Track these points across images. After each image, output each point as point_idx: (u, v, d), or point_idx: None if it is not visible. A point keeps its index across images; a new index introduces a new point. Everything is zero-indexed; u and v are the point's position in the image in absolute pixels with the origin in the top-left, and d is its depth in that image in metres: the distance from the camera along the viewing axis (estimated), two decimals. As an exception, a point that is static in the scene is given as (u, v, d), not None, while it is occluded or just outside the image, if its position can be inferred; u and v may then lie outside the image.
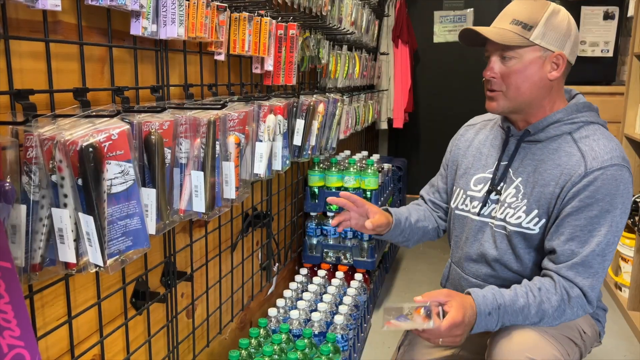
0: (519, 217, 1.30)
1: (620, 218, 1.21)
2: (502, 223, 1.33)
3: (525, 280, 1.26)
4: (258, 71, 1.68)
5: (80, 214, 0.83)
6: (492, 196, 1.36)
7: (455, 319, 1.13)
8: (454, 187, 1.48)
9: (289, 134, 1.84)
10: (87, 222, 0.83)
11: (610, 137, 1.27)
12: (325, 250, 2.41)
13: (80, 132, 0.81)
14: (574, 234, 1.20)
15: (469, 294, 1.21)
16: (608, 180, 1.19)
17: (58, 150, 0.81)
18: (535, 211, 1.27)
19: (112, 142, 0.85)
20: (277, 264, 2.17)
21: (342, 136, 2.61)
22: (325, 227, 2.41)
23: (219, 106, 1.10)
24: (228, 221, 1.67)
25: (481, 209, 1.38)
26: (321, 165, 2.46)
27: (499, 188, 1.35)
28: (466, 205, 1.42)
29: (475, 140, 1.47)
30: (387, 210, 1.48)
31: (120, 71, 1.16)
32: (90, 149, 0.80)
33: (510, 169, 1.34)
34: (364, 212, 1.41)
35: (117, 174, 0.87)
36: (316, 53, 2.18)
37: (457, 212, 1.45)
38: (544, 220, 1.27)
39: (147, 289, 1.27)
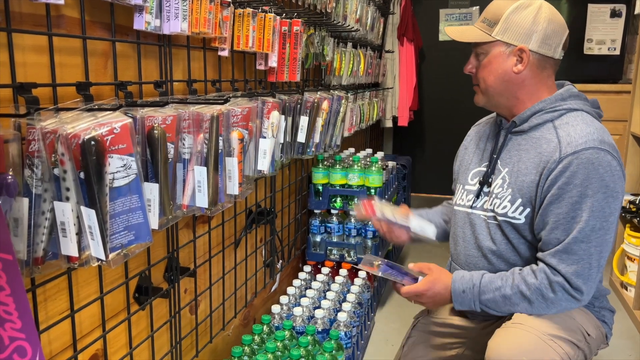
0: (505, 207, 1.31)
1: (606, 202, 1.18)
2: (492, 214, 1.34)
3: (514, 267, 1.29)
4: (262, 67, 1.68)
5: (83, 208, 0.83)
6: (485, 189, 1.37)
7: (413, 289, 1.31)
8: (457, 184, 1.49)
9: (291, 132, 1.84)
10: (89, 216, 0.83)
11: (592, 122, 1.26)
12: (329, 247, 2.41)
13: (83, 125, 0.81)
14: (557, 222, 1.21)
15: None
16: (583, 164, 1.18)
17: (60, 144, 0.81)
18: (519, 200, 1.28)
19: (114, 136, 0.85)
20: (280, 261, 2.17)
21: (346, 134, 2.60)
22: (329, 225, 2.41)
23: (222, 101, 1.10)
24: (232, 217, 1.66)
25: (474, 201, 1.39)
26: (325, 162, 2.46)
27: (489, 180, 1.37)
28: (462, 200, 1.44)
29: (476, 137, 1.50)
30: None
31: (124, 66, 1.16)
32: (93, 142, 0.80)
33: (498, 161, 1.37)
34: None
35: (120, 168, 0.87)
36: (320, 50, 2.17)
37: (456, 207, 1.46)
38: (528, 210, 1.28)
39: (150, 284, 1.27)
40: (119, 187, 0.88)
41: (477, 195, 1.38)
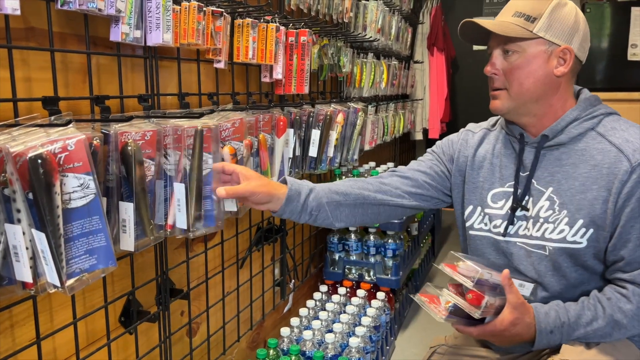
0: (562, 231, 1.16)
1: None
2: (541, 242, 1.19)
3: (594, 291, 1.14)
4: (267, 80, 1.61)
5: (34, 231, 0.78)
6: (518, 213, 1.22)
7: (489, 330, 1.11)
8: (465, 203, 1.33)
9: (302, 146, 1.76)
10: (40, 239, 0.78)
11: (633, 123, 1.17)
12: (347, 266, 2.30)
13: (31, 142, 0.76)
14: None
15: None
16: None
17: (8, 162, 0.75)
18: (581, 221, 1.14)
19: (68, 154, 0.79)
20: (293, 281, 2.08)
21: (367, 147, 2.50)
22: (348, 242, 2.30)
23: (197, 115, 1.03)
24: (233, 236, 1.59)
25: (507, 228, 1.24)
26: (343, 177, 2.36)
27: (524, 203, 1.21)
28: (485, 225, 1.28)
29: (481, 149, 1.32)
30: (284, 181, 1.20)
31: (107, 80, 1.11)
32: (39, 161, 0.74)
33: (533, 180, 1.21)
34: (237, 180, 1.13)
35: (76, 188, 0.81)
36: (336, 61, 2.09)
37: (472, 232, 1.30)
38: (591, 231, 1.13)
39: (137, 307, 1.21)
40: (76, 208, 0.82)
41: (511, 222, 1.23)
